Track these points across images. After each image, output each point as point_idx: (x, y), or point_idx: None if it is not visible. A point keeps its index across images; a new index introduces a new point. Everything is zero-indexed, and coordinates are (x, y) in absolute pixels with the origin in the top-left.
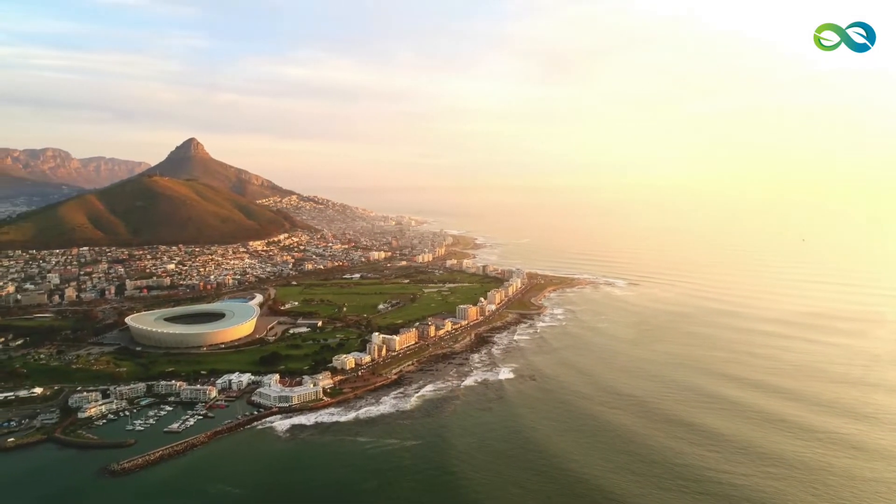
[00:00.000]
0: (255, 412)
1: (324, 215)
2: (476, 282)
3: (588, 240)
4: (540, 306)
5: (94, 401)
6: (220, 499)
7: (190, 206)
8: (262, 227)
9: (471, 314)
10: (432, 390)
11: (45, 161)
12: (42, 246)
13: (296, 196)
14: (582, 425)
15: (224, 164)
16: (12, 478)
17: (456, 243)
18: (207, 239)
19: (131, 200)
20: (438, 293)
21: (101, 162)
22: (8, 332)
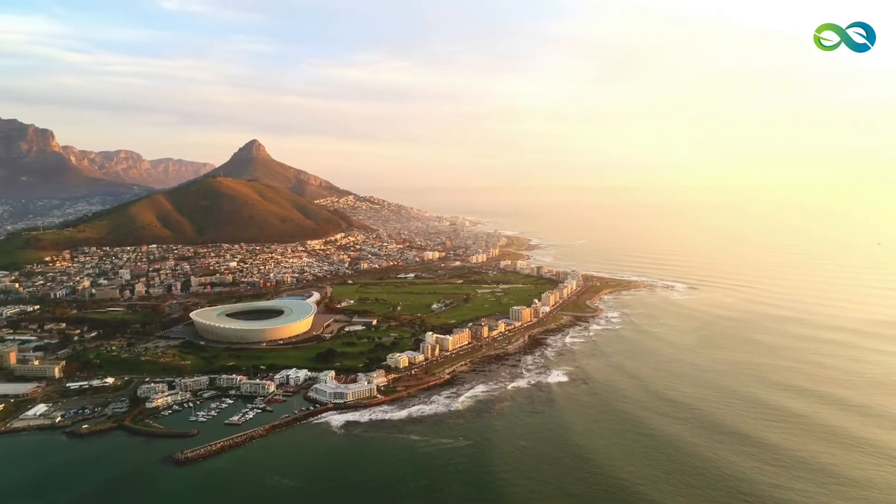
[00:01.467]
0: (311, 407)
1: (379, 215)
2: (530, 283)
3: (646, 241)
4: (595, 309)
5: (161, 392)
6: (277, 490)
7: (251, 205)
8: (320, 227)
9: (524, 316)
10: (484, 391)
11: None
12: (115, 243)
13: (352, 196)
14: (633, 433)
15: (284, 165)
16: (86, 461)
17: (510, 244)
18: (268, 238)
19: (197, 200)
20: (492, 294)
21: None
22: (83, 325)
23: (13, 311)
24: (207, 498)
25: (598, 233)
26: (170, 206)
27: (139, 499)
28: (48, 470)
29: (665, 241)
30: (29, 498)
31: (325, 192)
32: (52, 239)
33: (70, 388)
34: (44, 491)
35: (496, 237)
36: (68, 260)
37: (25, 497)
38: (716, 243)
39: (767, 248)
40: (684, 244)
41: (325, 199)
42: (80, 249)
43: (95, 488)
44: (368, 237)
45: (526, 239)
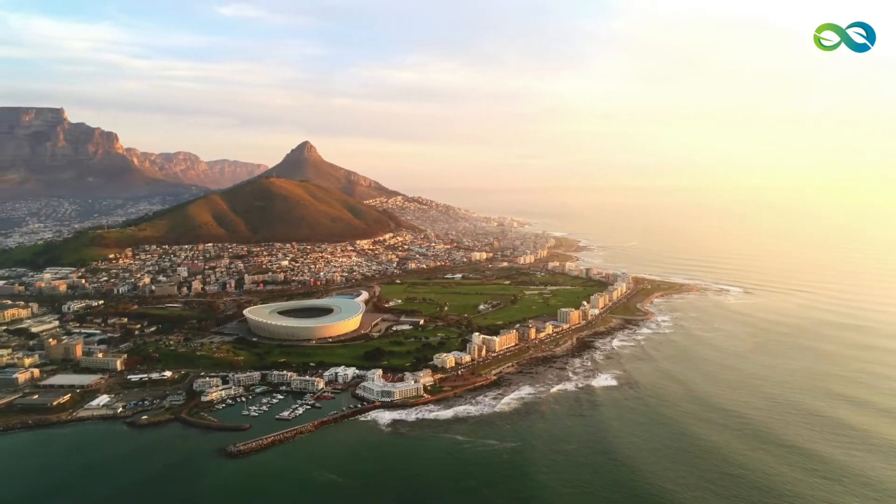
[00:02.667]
0: (359, 405)
1: (427, 216)
2: (579, 285)
3: (700, 243)
4: (646, 312)
5: (215, 386)
6: (325, 485)
7: (303, 205)
8: (369, 227)
9: (573, 318)
10: (531, 393)
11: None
12: (173, 242)
13: (401, 197)
14: (679, 441)
15: (335, 166)
16: (144, 449)
17: (559, 245)
18: (318, 237)
19: (251, 200)
20: (540, 295)
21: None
22: (144, 320)
23: (80, 306)
24: (258, 490)
25: (650, 234)
26: (225, 205)
27: (193, 487)
28: (110, 457)
29: (719, 243)
30: (93, 482)
31: (374, 193)
32: (115, 237)
33: (131, 381)
34: (106, 476)
35: (544, 238)
36: (130, 257)
37: (90, 481)
38: (773, 246)
39: (827, 252)
40: (740, 246)
41: (374, 200)
42: (142, 247)
43: (153, 475)
44: (416, 237)
45: (575, 240)
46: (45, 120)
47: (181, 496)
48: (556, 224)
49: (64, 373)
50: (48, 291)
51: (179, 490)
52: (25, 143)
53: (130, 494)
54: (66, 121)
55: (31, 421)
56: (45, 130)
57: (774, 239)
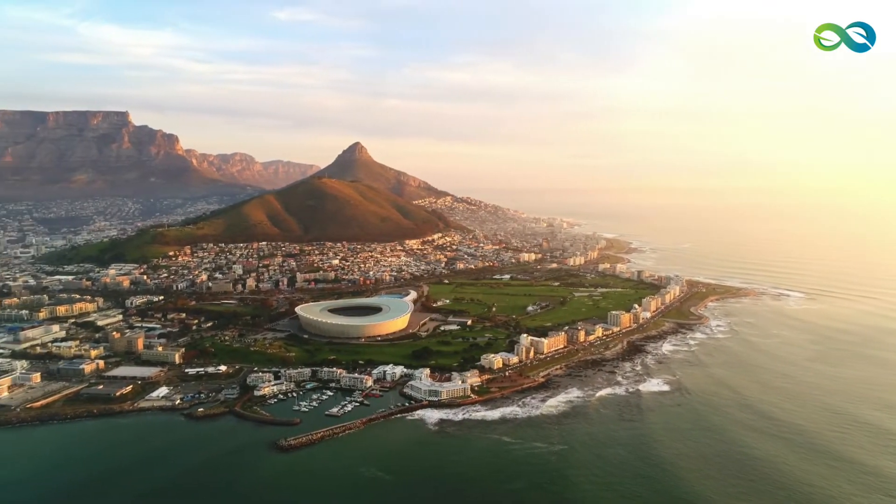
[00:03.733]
0: (407, 403)
1: (476, 216)
2: (630, 287)
3: (759, 246)
4: (700, 317)
5: (268, 381)
6: (372, 481)
7: (353, 205)
8: (418, 227)
9: (623, 321)
10: (579, 396)
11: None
12: (229, 240)
13: (450, 197)
14: (729, 452)
15: (385, 167)
16: (200, 439)
17: (609, 247)
18: (368, 237)
19: (303, 200)
20: (589, 297)
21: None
22: (201, 315)
23: (141, 301)
24: (306, 483)
25: (705, 236)
26: (279, 205)
27: (244, 477)
28: (168, 445)
29: (780, 245)
30: (151, 468)
31: (423, 193)
32: (175, 235)
33: (188, 374)
34: (164, 463)
35: (595, 239)
36: (189, 255)
37: (149, 467)
38: (838, 249)
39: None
40: (802, 249)
41: (423, 200)
42: (199, 245)
43: (206, 464)
44: (465, 238)
45: (626, 242)
46: (112, 123)
47: (233, 485)
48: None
49: (126, 365)
50: (113, 287)
51: (231, 478)
52: (93, 145)
53: (185, 480)
54: (130, 124)
55: (95, 410)
56: (111, 133)
57: (839, 242)
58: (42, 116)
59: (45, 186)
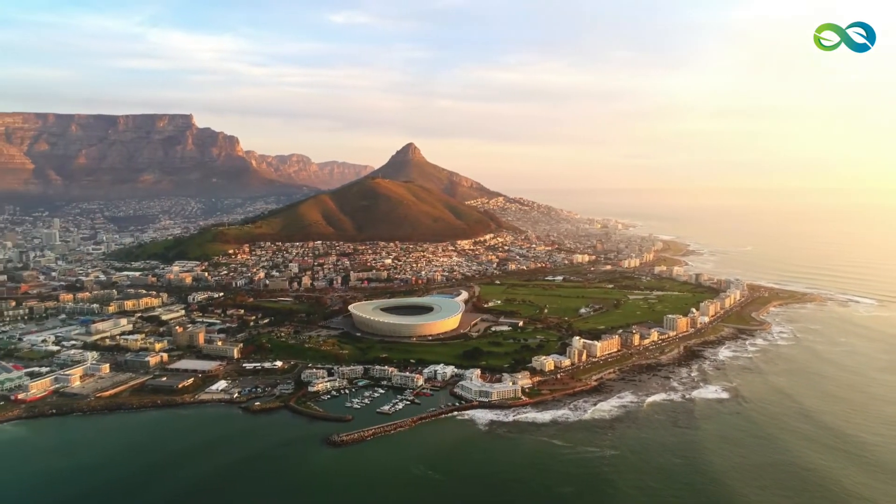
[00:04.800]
0: (457, 403)
1: (528, 217)
2: (687, 291)
3: (825, 249)
4: (761, 322)
5: (321, 378)
6: (422, 480)
7: (406, 205)
8: (470, 227)
9: (680, 325)
10: (633, 401)
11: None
12: (286, 239)
13: (502, 197)
14: (785, 465)
15: (437, 167)
16: (256, 432)
17: (666, 249)
18: (420, 237)
19: (357, 200)
20: (644, 300)
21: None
22: (258, 312)
23: (203, 297)
24: (357, 479)
25: (767, 238)
26: (333, 205)
27: (296, 468)
28: (226, 436)
29: (847, 248)
30: (210, 455)
31: (475, 194)
32: (234, 234)
33: (245, 368)
34: (221, 451)
35: (650, 241)
36: (247, 253)
37: (207, 454)
38: None
39: None
40: (871, 253)
41: (475, 201)
42: (257, 244)
43: (261, 454)
44: (517, 238)
45: (683, 244)
46: (177, 126)
47: (286, 475)
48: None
49: (188, 358)
50: (176, 283)
51: (284, 469)
52: (159, 146)
53: (241, 468)
54: (194, 126)
55: (159, 401)
56: (176, 135)
57: None
58: (113, 120)
59: (115, 186)
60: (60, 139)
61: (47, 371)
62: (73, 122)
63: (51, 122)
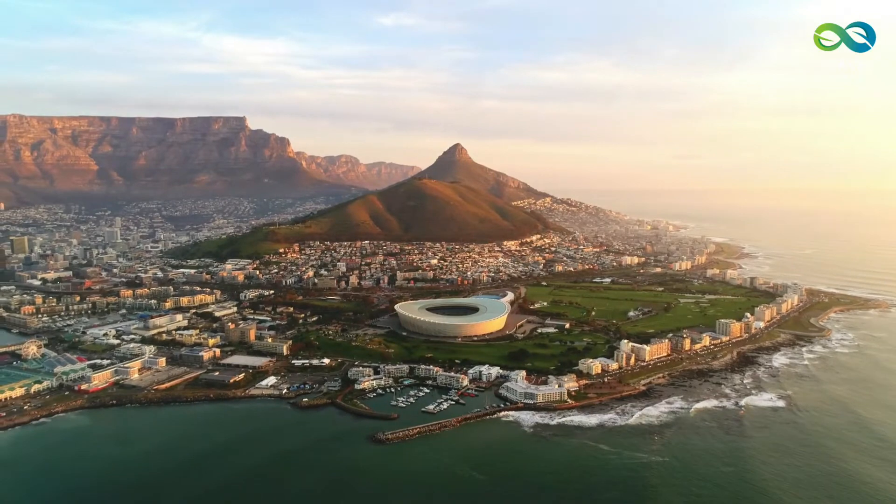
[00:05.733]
0: (502, 405)
1: (576, 218)
2: (741, 295)
3: (890, 252)
4: (821, 329)
5: (368, 376)
6: (465, 480)
7: (452, 206)
8: (516, 228)
9: (733, 330)
10: (682, 407)
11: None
12: (334, 238)
13: (549, 198)
14: (839, 479)
15: (484, 168)
16: (303, 427)
17: (719, 251)
18: (466, 237)
19: (404, 200)
20: (696, 304)
21: (381, 166)
22: (307, 310)
23: (254, 295)
24: (401, 477)
25: (828, 241)
26: (381, 205)
27: (341, 463)
28: (274, 430)
29: None
30: (259, 447)
31: (522, 194)
32: (284, 233)
33: (294, 365)
34: (268, 443)
35: (703, 243)
36: (297, 252)
37: (257, 447)
38: None
39: None
40: None
41: (522, 201)
42: (307, 243)
43: (307, 447)
44: (564, 240)
45: (738, 246)
46: (231, 128)
47: (331, 470)
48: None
49: (239, 354)
50: (229, 280)
51: (328, 462)
52: (214, 148)
53: (287, 460)
54: (247, 128)
55: (212, 394)
56: (230, 137)
57: None
58: (171, 123)
59: (172, 187)
60: (123, 141)
61: (108, 363)
62: (135, 124)
63: (114, 125)
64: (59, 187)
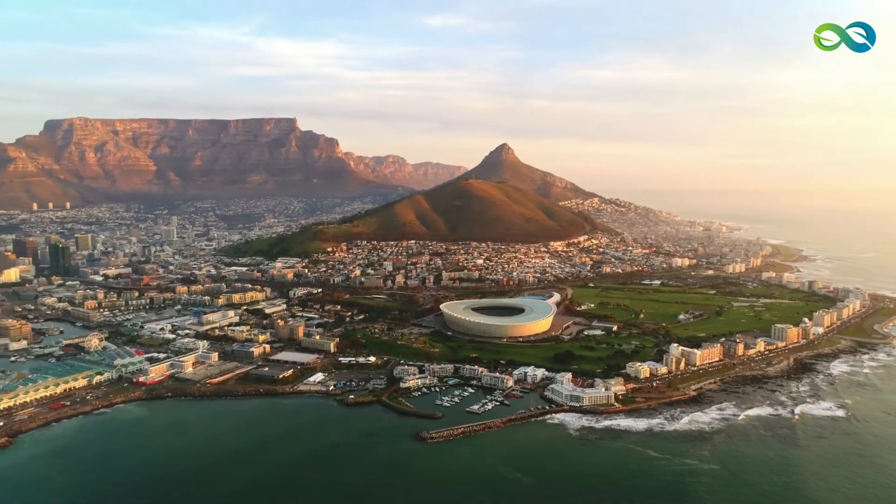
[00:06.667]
0: (547, 407)
1: (625, 218)
2: (799, 299)
3: None
4: (885, 336)
5: (413, 374)
6: (509, 482)
7: (499, 206)
8: (563, 228)
9: (790, 335)
10: (735, 414)
11: (387, 166)
12: (381, 238)
13: (597, 198)
14: None
15: (531, 167)
16: (348, 423)
17: (775, 254)
18: (512, 237)
19: (450, 200)
20: (750, 308)
21: (428, 166)
22: (353, 308)
23: (302, 293)
24: (445, 477)
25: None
26: (427, 205)
27: (384, 459)
28: (322, 424)
29: None
30: (305, 441)
31: (569, 194)
32: (333, 232)
33: (341, 362)
34: (317, 437)
35: (758, 245)
36: (345, 251)
37: (303, 440)
38: None
39: None
40: None
41: (569, 202)
42: (354, 242)
43: (351, 441)
44: (612, 240)
45: (795, 249)
46: (282, 129)
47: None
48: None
49: (288, 350)
50: (279, 278)
51: (372, 457)
52: (266, 149)
53: (332, 452)
54: (297, 129)
55: (262, 389)
56: (281, 138)
57: None
58: (224, 124)
59: (225, 187)
60: (179, 143)
61: (164, 357)
62: (190, 126)
63: (171, 126)
64: (121, 187)
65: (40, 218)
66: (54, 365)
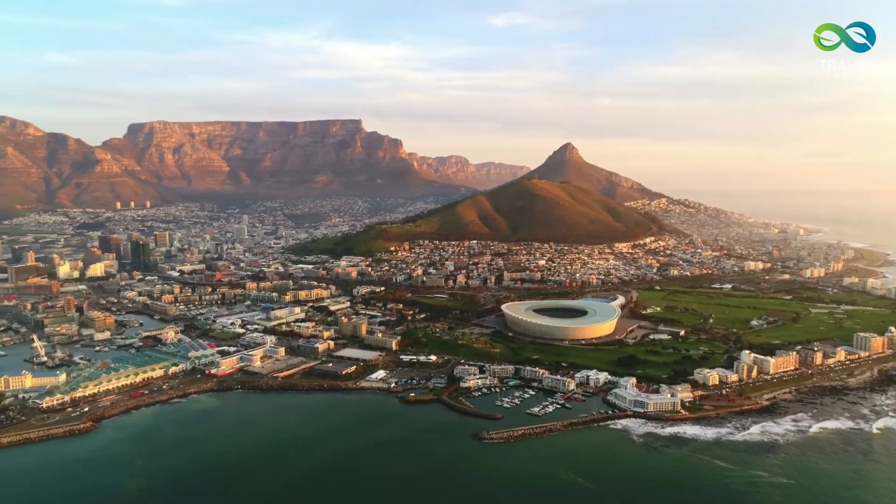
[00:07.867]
0: (610, 411)
1: (694, 219)
2: (885, 307)
3: None
4: None
5: (473, 374)
6: (569, 485)
7: (562, 206)
8: (629, 230)
9: (874, 345)
10: (811, 426)
11: (450, 166)
12: (443, 237)
13: (665, 199)
14: None
15: (595, 167)
16: (410, 419)
17: (858, 258)
18: (576, 238)
19: (512, 201)
20: (830, 315)
21: (491, 167)
22: (415, 307)
23: (366, 291)
24: (504, 478)
25: None
26: (489, 205)
27: (445, 460)
28: (382, 419)
29: None
30: (369, 433)
31: (635, 195)
32: (396, 232)
33: (402, 360)
34: (377, 432)
35: (839, 249)
36: (407, 250)
37: (366, 432)
38: None
39: None
40: None
41: (635, 202)
42: (417, 242)
43: (410, 437)
44: (680, 242)
45: (881, 253)
46: (348, 130)
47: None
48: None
49: (351, 347)
50: (343, 276)
51: (430, 454)
52: (332, 150)
53: (391, 447)
54: (362, 130)
55: (326, 384)
56: (346, 139)
57: None
58: (293, 126)
59: (293, 187)
60: (251, 144)
61: (234, 351)
62: (261, 128)
63: (243, 129)
64: (196, 187)
65: (123, 216)
66: (134, 355)
